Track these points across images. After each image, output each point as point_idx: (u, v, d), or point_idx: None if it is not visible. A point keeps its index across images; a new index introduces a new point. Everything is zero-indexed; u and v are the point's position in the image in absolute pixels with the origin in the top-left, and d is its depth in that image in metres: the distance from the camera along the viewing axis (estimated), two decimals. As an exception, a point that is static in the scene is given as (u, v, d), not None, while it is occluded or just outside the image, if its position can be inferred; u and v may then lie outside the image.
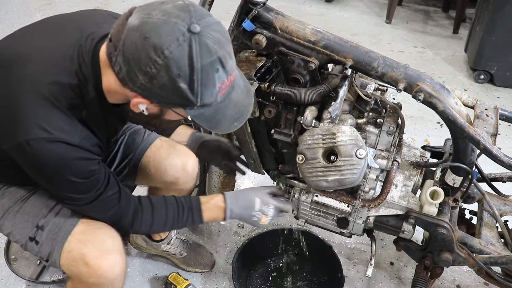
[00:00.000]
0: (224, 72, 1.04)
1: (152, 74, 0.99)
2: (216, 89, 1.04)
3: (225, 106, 1.11)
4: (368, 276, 1.57)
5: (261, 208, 1.46)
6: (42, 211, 1.33)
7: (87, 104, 1.17)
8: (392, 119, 1.51)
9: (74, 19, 1.27)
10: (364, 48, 1.42)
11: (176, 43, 0.97)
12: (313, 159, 1.37)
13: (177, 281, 1.84)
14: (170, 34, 0.97)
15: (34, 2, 4.30)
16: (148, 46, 0.97)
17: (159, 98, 1.05)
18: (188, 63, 0.98)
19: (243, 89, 1.17)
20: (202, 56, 0.99)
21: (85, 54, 1.14)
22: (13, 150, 1.15)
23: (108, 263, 1.27)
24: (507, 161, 1.37)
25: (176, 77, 0.99)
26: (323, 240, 1.99)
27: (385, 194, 1.51)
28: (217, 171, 1.84)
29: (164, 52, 0.97)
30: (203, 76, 1.00)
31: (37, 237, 1.32)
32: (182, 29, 0.98)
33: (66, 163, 1.15)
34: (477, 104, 1.61)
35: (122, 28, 1.02)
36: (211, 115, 1.09)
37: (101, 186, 1.24)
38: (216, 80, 1.03)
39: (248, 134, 1.57)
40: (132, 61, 1.00)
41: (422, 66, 3.59)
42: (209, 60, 1.00)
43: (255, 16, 1.40)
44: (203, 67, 0.99)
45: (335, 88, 1.43)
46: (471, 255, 1.52)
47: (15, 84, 1.13)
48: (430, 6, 4.78)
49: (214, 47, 1.00)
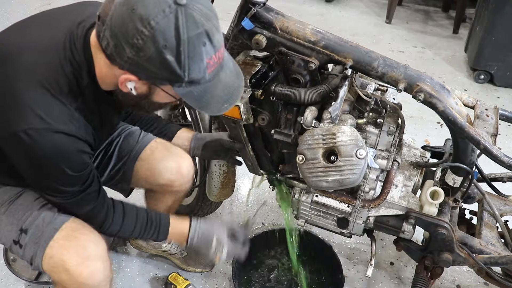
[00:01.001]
0: (212, 47, 1.03)
1: (139, 46, 0.99)
2: (204, 64, 1.03)
3: (214, 86, 1.10)
4: (368, 276, 1.57)
5: (216, 247, 1.49)
6: (26, 214, 1.31)
7: (82, 91, 1.17)
8: (392, 119, 1.51)
9: (68, 10, 1.26)
10: (364, 48, 1.42)
11: (163, 14, 0.97)
12: (313, 159, 1.37)
13: (177, 281, 1.84)
14: (156, 6, 0.97)
15: (34, 2, 4.30)
16: (134, 18, 0.97)
17: (147, 73, 1.04)
18: (174, 34, 0.98)
19: (233, 71, 1.16)
20: (188, 27, 0.99)
21: (76, 41, 1.14)
22: (8, 139, 1.13)
23: (89, 270, 1.25)
24: (507, 161, 1.37)
25: (163, 48, 0.99)
26: (323, 240, 1.99)
27: (385, 194, 1.51)
28: (217, 171, 1.84)
29: (150, 23, 0.97)
30: (189, 48, 1.00)
31: (20, 241, 1.29)
32: (168, 1, 0.98)
33: (62, 154, 1.14)
34: (477, 104, 1.61)
35: (110, 4, 1.02)
36: (200, 94, 1.08)
37: (86, 181, 1.24)
38: (204, 54, 1.02)
39: (244, 138, 1.58)
40: (119, 34, 1.00)
41: (422, 66, 3.58)
42: (195, 32, 0.99)
43: (255, 16, 1.40)
44: (190, 38, 0.99)
45: (335, 88, 1.43)
46: (471, 255, 1.52)
47: (11, 75, 1.12)
48: (430, 6, 4.78)
49: (201, 19, 1.00)
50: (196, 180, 2.04)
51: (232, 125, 1.58)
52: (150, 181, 1.65)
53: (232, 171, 1.88)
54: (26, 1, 4.36)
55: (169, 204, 1.76)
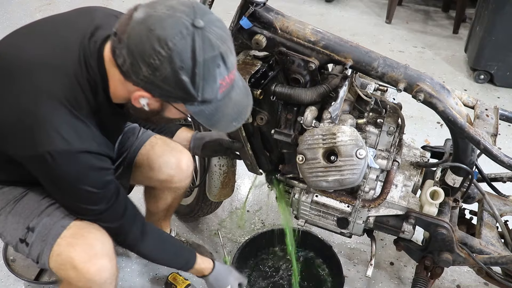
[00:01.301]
0: (225, 68, 1.05)
1: (155, 66, 1.00)
2: (217, 85, 1.05)
3: (225, 105, 1.12)
4: (368, 276, 1.57)
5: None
6: (34, 213, 1.32)
7: (99, 107, 1.19)
8: (392, 119, 1.51)
9: (74, 20, 1.26)
10: (364, 48, 1.42)
11: (180, 35, 0.99)
12: (313, 159, 1.37)
13: (177, 281, 1.84)
14: (174, 27, 0.99)
15: (34, 2, 4.30)
16: (152, 38, 0.99)
17: (161, 91, 1.06)
18: (190, 56, 1.00)
19: (243, 90, 1.18)
20: (204, 50, 1.00)
21: (90, 57, 1.15)
22: (31, 159, 1.15)
23: (96, 267, 1.26)
24: (507, 161, 1.37)
25: (179, 69, 1.00)
26: (323, 240, 1.99)
27: (385, 194, 1.51)
28: (217, 171, 1.84)
29: (168, 44, 0.98)
30: (205, 70, 1.02)
31: (27, 239, 1.30)
32: (186, 23, 0.99)
33: (85, 174, 1.17)
34: (477, 104, 1.61)
35: (127, 21, 1.03)
36: (211, 112, 1.10)
37: (111, 197, 1.26)
38: (217, 75, 1.04)
39: (243, 137, 1.58)
40: (136, 53, 1.01)
41: (422, 66, 3.59)
42: (211, 55, 1.01)
43: (255, 16, 1.40)
44: (205, 61, 1.01)
45: (335, 88, 1.43)
46: (471, 255, 1.52)
47: (29, 92, 1.12)
48: (430, 6, 4.78)
49: (217, 42, 1.02)
50: (196, 180, 2.04)
51: (231, 125, 1.58)
52: (150, 176, 1.65)
53: (232, 171, 1.88)
54: (26, 1, 4.36)
55: (168, 202, 1.76)
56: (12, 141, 1.15)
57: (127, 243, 1.40)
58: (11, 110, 1.12)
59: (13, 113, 1.12)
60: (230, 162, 1.83)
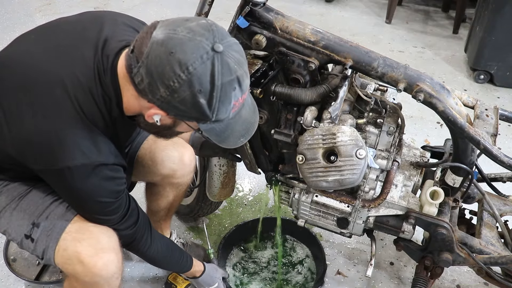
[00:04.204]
0: (240, 91, 1.08)
1: (174, 88, 1.02)
2: (231, 106, 1.08)
3: (235, 122, 1.15)
4: (368, 276, 1.57)
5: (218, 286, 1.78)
6: (39, 208, 1.33)
7: (113, 122, 1.21)
8: (392, 119, 1.51)
9: (81, 27, 1.25)
10: (364, 48, 1.42)
11: (200, 60, 1.00)
12: (313, 159, 1.37)
13: (177, 281, 1.84)
14: (195, 51, 1.00)
15: (34, 2, 4.30)
16: (173, 61, 1.00)
17: (177, 111, 1.08)
18: (210, 80, 1.02)
19: (251, 107, 1.21)
20: (223, 74, 1.03)
21: (105, 74, 1.16)
22: (49, 172, 1.19)
23: (103, 261, 1.27)
24: (507, 161, 1.37)
25: (198, 93, 1.02)
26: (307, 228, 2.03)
27: (385, 194, 1.51)
28: (217, 171, 1.84)
29: (188, 68, 1.00)
30: (221, 93, 1.04)
31: (32, 235, 1.31)
32: (206, 47, 1.01)
33: (102, 185, 1.21)
34: (477, 104, 1.61)
35: (145, 41, 1.04)
36: (222, 130, 1.14)
37: (126, 203, 1.31)
38: (232, 97, 1.07)
39: None
40: (155, 74, 1.03)
41: (422, 66, 3.59)
42: (229, 79, 1.04)
43: (255, 16, 1.40)
44: (223, 85, 1.03)
45: (335, 88, 1.43)
46: (471, 255, 1.52)
47: (46, 110, 1.13)
48: (430, 6, 4.78)
49: (235, 66, 1.04)
50: (196, 180, 2.04)
51: (232, 125, 1.57)
52: (153, 171, 1.65)
53: (232, 171, 1.88)
54: (26, 1, 4.36)
55: (170, 199, 1.76)
56: (30, 155, 1.17)
57: (138, 248, 1.44)
58: (31, 125, 1.14)
59: (32, 129, 1.14)
60: (230, 162, 1.83)
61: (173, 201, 1.78)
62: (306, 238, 2.08)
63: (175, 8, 4.37)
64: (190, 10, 1.45)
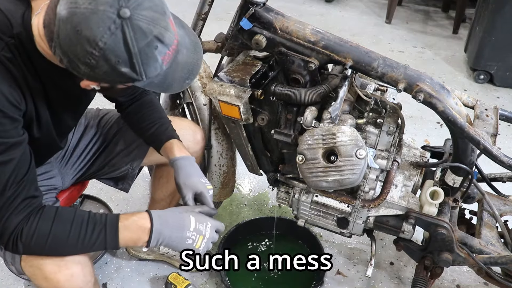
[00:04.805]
0: (164, 46, 1.02)
1: (92, 65, 0.99)
2: (159, 62, 1.03)
3: (173, 71, 1.10)
4: (368, 276, 1.57)
5: (197, 227, 1.24)
6: None
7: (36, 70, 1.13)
8: (392, 119, 1.51)
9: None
10: (364, 48, 1.42)
11: (109, 32, 0.95)
12: (313, 160, 1.37)
13: (177, 281, 1.84)
14: (100, 25, 0.95)
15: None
16: (81, 40, 0.96)
17: (106, 81, 1.05)
18: (125, 49, 0.97)
19: (189, 47, 1.14)
20: (137, 39, 0.97)
21: None
22: None
23: (65, 277, 1.20)
24: (507, 161, 1.37)
25: (116, 64, 0.99)
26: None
27: (385, 194, 1.51)
28: (217, 171, 1.84)
29: (98, 44, 0.95)
30: (142, 57, 1.00)
31: None
32: (112, 16, 0.95)
33: None
34: (477, 104, 1.61)
35: (52, 17, 1.00)
36: (161, 81, 1.09)
37: None
38: (157, 55, 1.02)
39: (244, 138, 1.59)
40: (70, 54, 0.99)
41: (422, 66, 3.59)
42: (145, 42, 0.99)
43: (255, 16, 1.40)
44: (141, 49, 0.99)
45: (335, 88, 1.43)
46: (471, 255, 1.53)
47: None
48: (430, 6, 4.79)
49: (148, 27, 0.98)
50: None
51: (231, 125, 1.58)
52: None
53: (232, 171, 1.88)
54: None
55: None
56: None
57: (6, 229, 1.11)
58: None
59: None
60: (230, 162, 1.84)
61: None
62: (306, 237, 2.08)
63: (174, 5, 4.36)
64: (190, 9, 1.45)
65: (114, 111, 1.68)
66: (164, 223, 1.21)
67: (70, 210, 1.18)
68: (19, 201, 1.11)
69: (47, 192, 1.47)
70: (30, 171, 1.15)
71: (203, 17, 1.60)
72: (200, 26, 1.63)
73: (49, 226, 1.13)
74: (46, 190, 1.46)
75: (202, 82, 1.76)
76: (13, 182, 1.10)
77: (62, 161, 1.59)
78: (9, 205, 1.10)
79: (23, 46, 1.10)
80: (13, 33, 1.09)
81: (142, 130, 1.56)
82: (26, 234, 1.11)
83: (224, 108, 1.49)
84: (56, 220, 1.14)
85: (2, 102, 1.06)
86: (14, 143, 1.09)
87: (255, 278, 1.96)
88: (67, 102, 1.32)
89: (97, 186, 2.24)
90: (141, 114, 1.56)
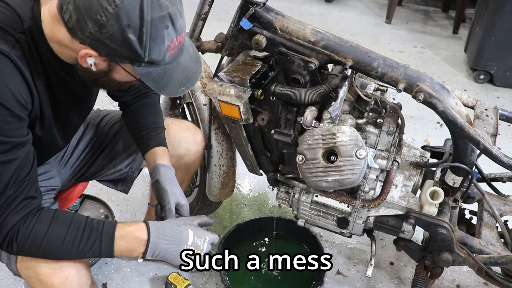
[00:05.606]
0: (174, 30, 1.04)
1: (102, 23, 0.99)
2: (165, 46, 1.04)
3: (173, 69, 1.11)
4: (368, 276, 1.57)
5: (195, 241, 1.25)
6: None
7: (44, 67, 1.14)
8: (392, 119, 1.51)
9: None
10: (364, 48, 1.42)
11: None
12: (313, 160, 1.37)
13: (177, 281, 1.84)
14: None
15: None
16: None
17: (108, 50, 1.04)
18: (138, 14, 0.98)
19: (192, 56, 1.17)
20: (153, 9, 0.99)
21: None
22: None
23: (60, 280, 1.20)
24: (507, 161, 1.37)
25: (126, 27, 0.99)
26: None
27: (385, 194, 1.51)
28: (217, 171, 1.84)
29: (115, 1, 0.97)
30: (152, 29, 1.00)
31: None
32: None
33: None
34: (477, 104, 1.61)
35: None
36: (159, 75, 1.09)
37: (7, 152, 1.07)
38: (165, 36, 1.03)
39: (244, 138, 1.59)
40: (83, 9, 0.99)
41: (422, 66, 3.59)
42: (159, 14, 1.00)
43: (255, 16, 1.40)
44: (153, 20, 1.00)
45: (335, 88, 1.43)
46: (471, 255, 1.53)
47: None
48: (430, 6, 4.79)
49: (166, 2, 1.01)
50: (196, 180, 2.04)
51: (231, 125, 1.58)
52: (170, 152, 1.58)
53: (232, 171, 1.88)
54: None
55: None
56: None
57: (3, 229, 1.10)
58: None
59: None
60: (230, 162, 1.84)
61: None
62: (306, 237, 2.08)
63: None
64: (190, 9, 1.45)
65: (115, 112, 1.68)
66: (161, 235, 1.22)
67: (68, 214, 1.18)
68: (18, 201, 1.11)
69: (45, 192, 1.47)
70: (32, 172, 1.15)
71: (203, 17, 1.60)
72: (200, 26, 1.62)
73: (45, 229, 1.12)
74: (44, 191, 1.46)
75: (202, 82, 1.76)
76: (15, 181, 1.10)
77: (61, 161, 1.58)
78: (9, 204, 1.10)
79: (33, 41, 1.11)
80: (24, 28, 1.09)
81: (134, 130, 1.57)
82: (22, 234, 1.11)
83: (224, 108, 1.49)
84: (53, 223, 1.14)
85: (11, 101, 1.06)
86: (19, 143, 1.10)
87: (255, 278, 1.96)
88: (73, 100, 1.32)
89: (97, 186, 2.24)
90: (138, 115, 1.57)
